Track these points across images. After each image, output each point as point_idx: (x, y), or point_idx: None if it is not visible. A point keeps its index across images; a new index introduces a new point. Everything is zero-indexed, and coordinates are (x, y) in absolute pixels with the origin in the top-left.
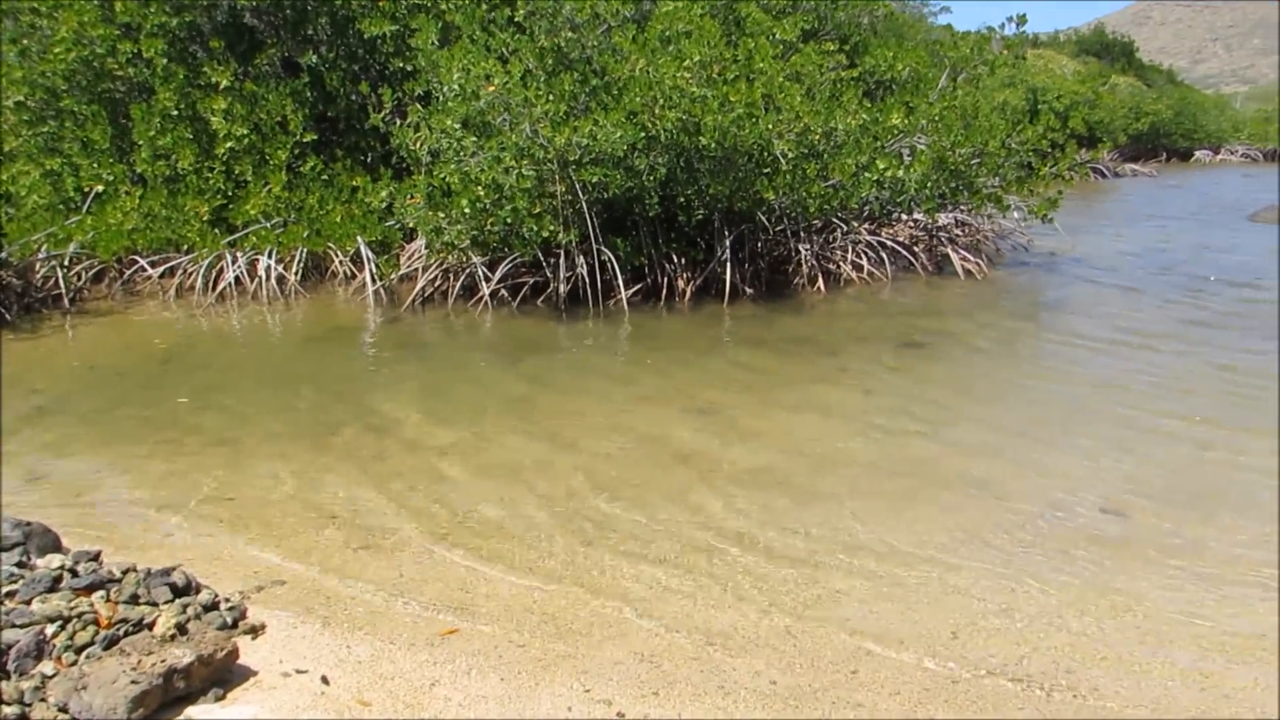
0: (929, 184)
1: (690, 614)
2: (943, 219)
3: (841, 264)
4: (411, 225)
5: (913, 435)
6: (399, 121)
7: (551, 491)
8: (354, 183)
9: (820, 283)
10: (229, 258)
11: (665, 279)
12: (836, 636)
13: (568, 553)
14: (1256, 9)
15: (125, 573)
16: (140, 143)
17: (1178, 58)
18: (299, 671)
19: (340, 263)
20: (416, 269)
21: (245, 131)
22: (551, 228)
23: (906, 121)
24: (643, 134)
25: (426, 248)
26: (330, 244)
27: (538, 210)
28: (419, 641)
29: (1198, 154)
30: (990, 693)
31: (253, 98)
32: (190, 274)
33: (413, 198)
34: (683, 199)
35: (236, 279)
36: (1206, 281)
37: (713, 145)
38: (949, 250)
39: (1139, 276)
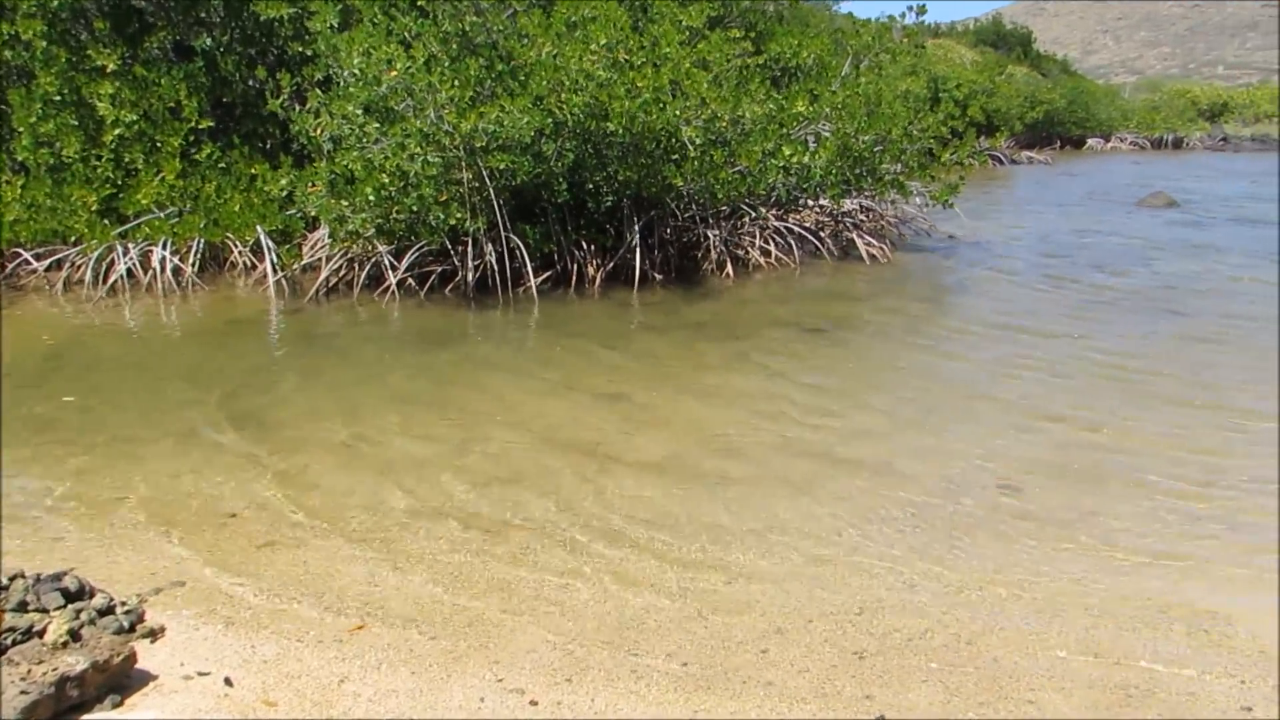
0: (834, 170)
1: (602, 600)
2: (848, 205)
3: (750, 250)
4: (314, 214)
5: (818, 419)
6: (298, 107)
7: (461, 482)
8: (252, 170)
9: (729, 268)
10: (120, 249)
11: (575, 266)
12: (747, 617)
13: (479, 543)
14: (1143, 5)
15: (12, 579)
16: (20, 130)
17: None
18: (201, 674)
19: (239, 253)
20: (320, 259)
21: (135, 118)
22: (459, 215)
23: (811, 109)
24: (550, 120)
25: (330, 237)
26: (228, 234)
27: (444, 198)
28: (326, 639)
29: (1090, 142)
30: (895, 667)
31: (143, 82)
32: (79, 267)
33: (314, 186)
34: (591, 185)
35: (129, 271)
36: (1099, 266)
37: (621, 131)
38: (854, 236)
39: (1036, 261)
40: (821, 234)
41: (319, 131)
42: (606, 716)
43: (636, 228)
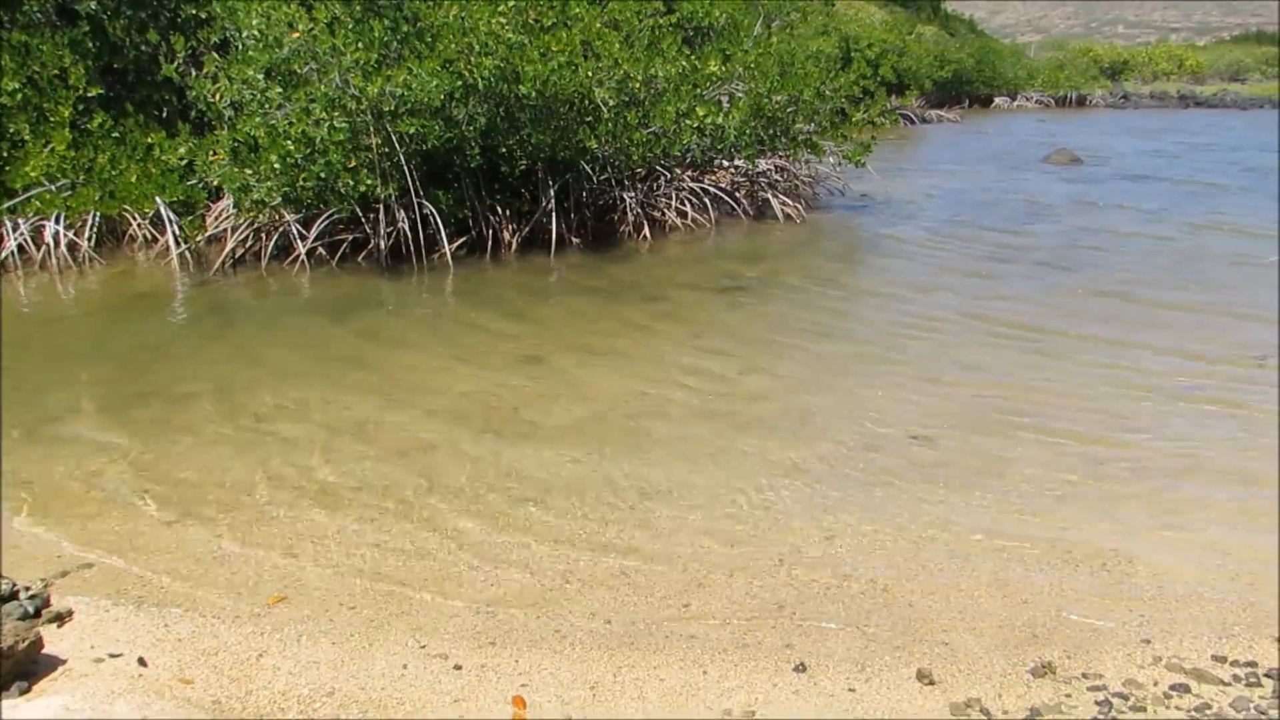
0: (748, 130)
1: (525, 563)
2: (762, 165)
3: (666, 211)
4: (216, 184)
5: (736, 376)
6: (195, 72)
7: (379, 451)
8: (149, 139)
9: (645, 230)
10: (9, 224)
11: (490, 231)
12: (669, 573)
13: (398, 511)
14: None
15: None
16: None
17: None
18: (113, 655)
19: (139, 226)
20: (225, 230)
21: (17, 86)
22: (369, 182)
23: (724, 69)
24: (460, 83)
25: (235, 207)
26: (126, 206)
27: (353, 164)
28: (243, 613)
29: (997, 100)
30: (814, 615)
31: (24, 49)
32: None
33: (215, 154)
34: (505, 149)
35: (20, 247)
36: (1007, 223)
37: (533, 94)
38: (769, 195)
39: (946, 218)
40: (737, 194)
41: (218, 97)
42: (531, 676)
43: (552, 192)
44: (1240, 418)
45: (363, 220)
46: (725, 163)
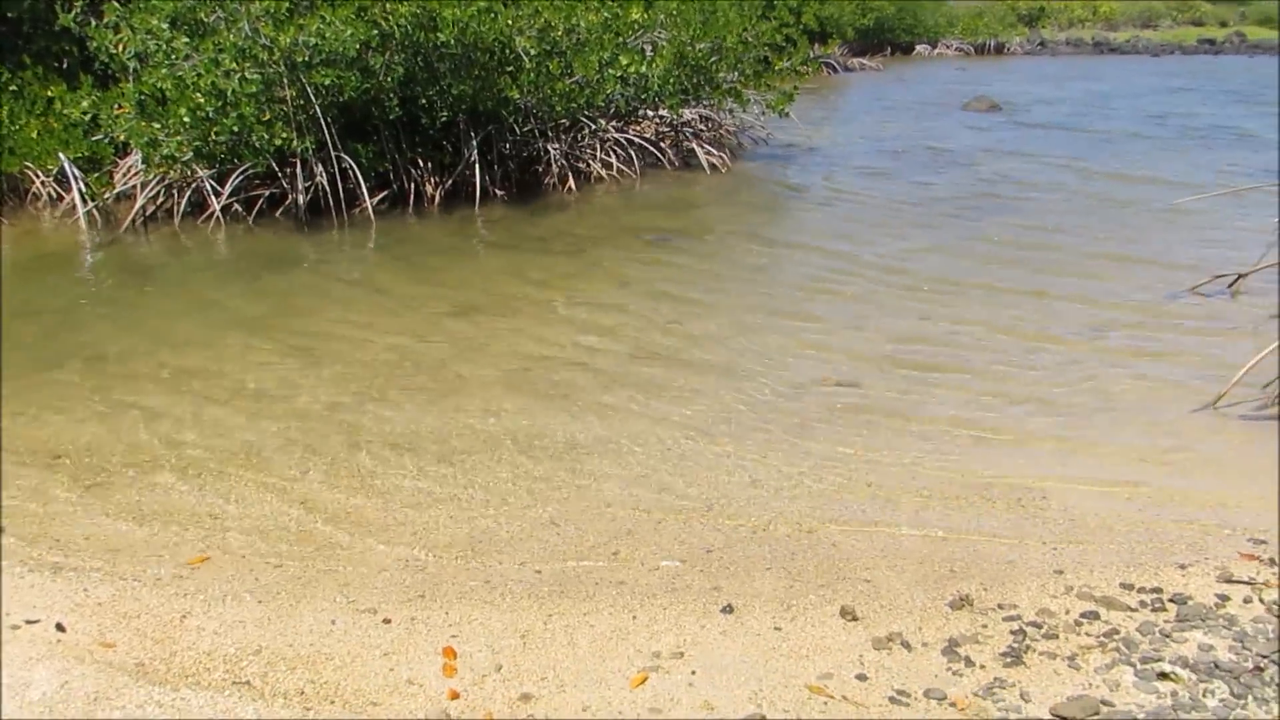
0: (671, 79)
1: (454, 516)
2: (687, 114)
3: (591, 162)
4: (123, 138)
5: (663, 326)
6: (95, 22)
7: (304, 408)
8: (49, 93)
9: (571, 182)
10: None
11: (412, 184)
12: (598, 522)
13: (325, 468)
14: None
15: None
16: None
17: None
18: (30, 622)
19: (42, 183)
20: (134, 186)
21: None
22: (284, 135)
23: (646, 16)
24: (375, 32)
25: (144, 162)
26: (27, 163)
27: (267, 117)
28: (165, 575)
29: (919, 48)
30: (741, 558)
31: None
32: None
33: (121, 108)
34: (425, 100)
35: None
36: (928, 169)
37: (452, 42)
38: (694, 145)
39: (869, 166)
40: (662, 145)
41: (121, 48)
42: (461, 627)
43: (474, 143)
44: (1147, 357)
45: (279, 175)
46: (650, 113)
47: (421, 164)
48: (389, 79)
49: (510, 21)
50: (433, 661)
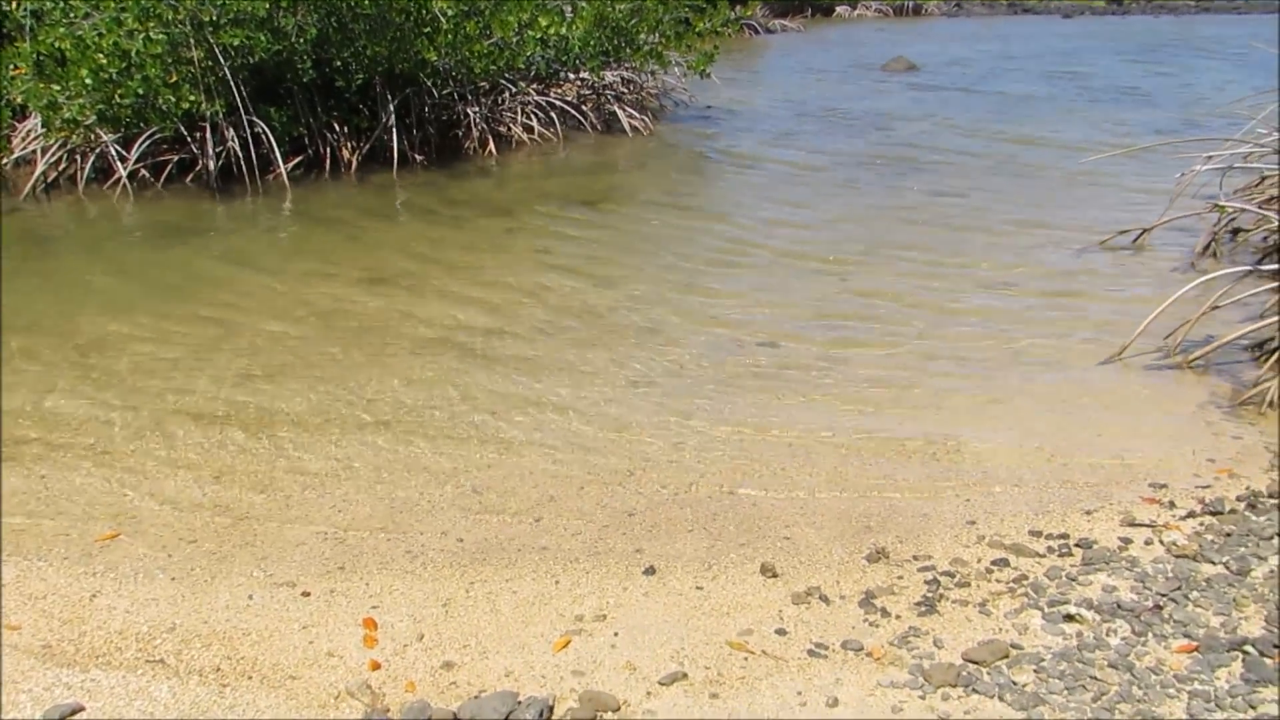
0: (592, 41)
1: (374, 487)
2: (608, 77)
3: (512, 126)
4: (21, 101)
5: (587, 290)
6: None
7: (219, 378)
8: None
9: (491, 146)
10: None
11: (328, 149)
12: (521, 489)
13: (241, 440)
14: None
15: None
16: None
17: None
18: None
19: None
20: (34, 151)
21: None
22: (192, 98)
23: None
24: None
25: (44, 126)
26: None
27: (174, 79)
28: (73, 554)
29: (839, 9)
30: (664, 520)
31: None
32: None
33: (17, 68)
34: (339, 62)
35: None
36: (847, 130)
37: (366, 2)
38: (616, 108)
39: (790, 127)
40: (584, 108)
41: (15, 5)
42: (382, 598)
43: (391, 107)
44: (1056, 313)
45: (189, 140)
46: (571, 75)
47: (338, 128)
48: (301, 40)
49: None
50: (353, 633)
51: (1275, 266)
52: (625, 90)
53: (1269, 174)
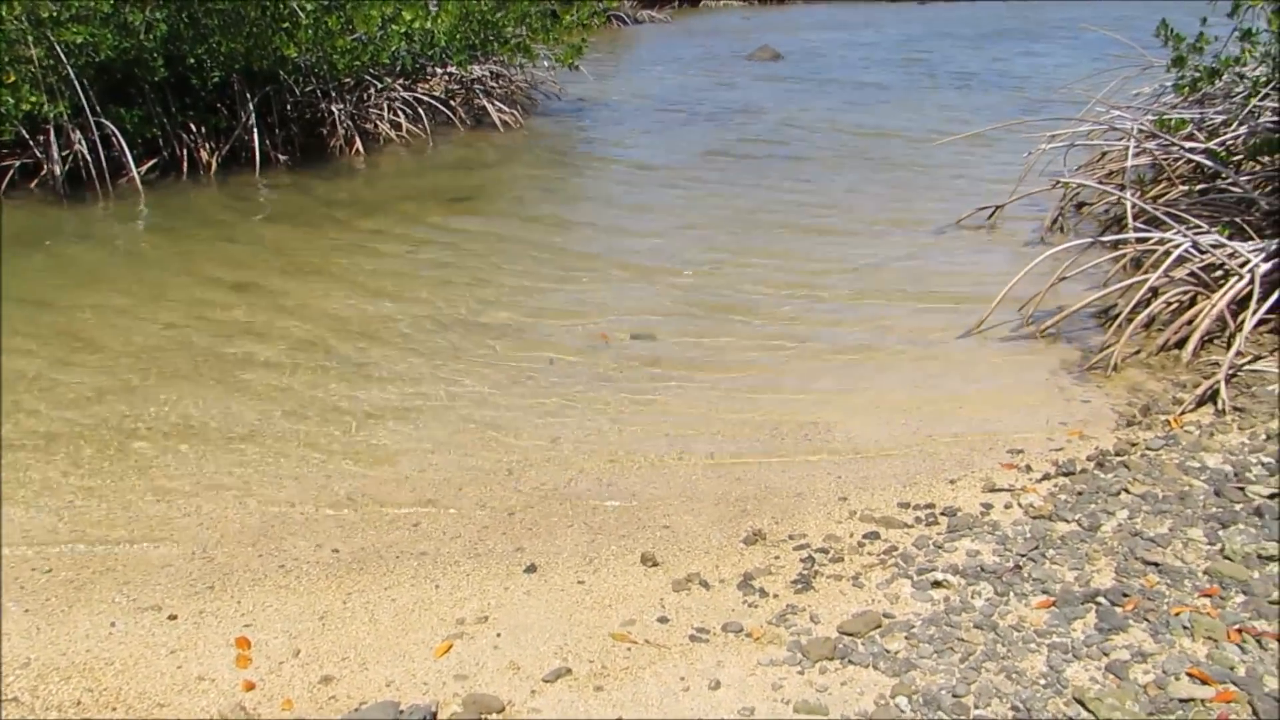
0: (458, 35)
1: (243, 501)
2: (477, 71)
3: (379, 123)
4: None
5: (460, 289)
6: None
7: (71, 396)
8: None
9: (358, 144)
10: None
11: (185, 151)
12: (397, 494)
13: (98, 460)
14: None
15: None
16: None
17: None
18: None
19: None
20: None
21: None
22: (33, 99)
23: None
24: None
25: None
26: None
27: (12, 79)
28: None
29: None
30: (544, 517)
31: None
32: None
33: None
34: (193, 60)
35: None
36: (715, 119)
37: None
38: (485, 103)
39: (659, 117)
40: (453, 103)
41: None
42: (255, 616)
43: (251, 105)
44: (919, 290)
45: (31, 144)
46: (438, 70)
47: (194, 128)
48: (151, 37)
49: None
50: (225, 654)
51: (1116, 237)
52: (494, 84)
53: (1108, 150)
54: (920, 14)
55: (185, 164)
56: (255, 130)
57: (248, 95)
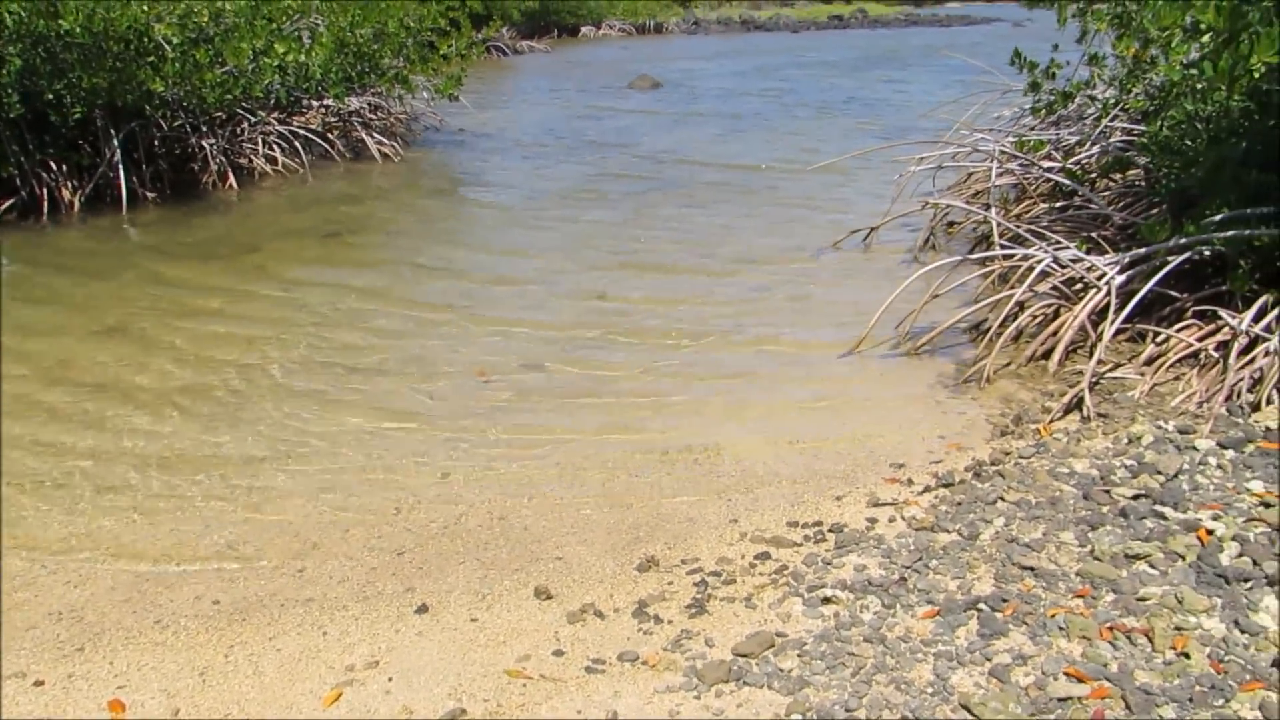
0: (334, 68)
1: (117, 554)
2: (354, 103)
3: (253, 157)
4: None
5: (343, 325)
6: None
7: None
8: None
9: (232, 179)
10: None
11: (45, 190)
12: (280, 539)
13: None
14: None
15: None
16: None
17: None
18: None
19: None
20: None
21: None
22: None
23: (300, 1)
24: None
25: None
26: None
27: None
28: None
29: (584, 29)
30: (434, 556)
31: None
32: None
33: None
34: (51, 95)
35: None
36: (596, 147)
37: (78, 30)
38: (364, 135)
39: (540, 147)
40: (330, 136)
41: None
42: (129, 676)
43: (116, 142)
44: (800, 313)
45: None
46: (314, 102)
47: (55, 166)
48: (5, 72)
49: (146, 7)
50: (99, 718)
51: (983, 255)
52: (373, 116)
53: (973, 171)
54: (793, 43)
55: (45, 204)
56: (121, 167)
57: (112, 131)
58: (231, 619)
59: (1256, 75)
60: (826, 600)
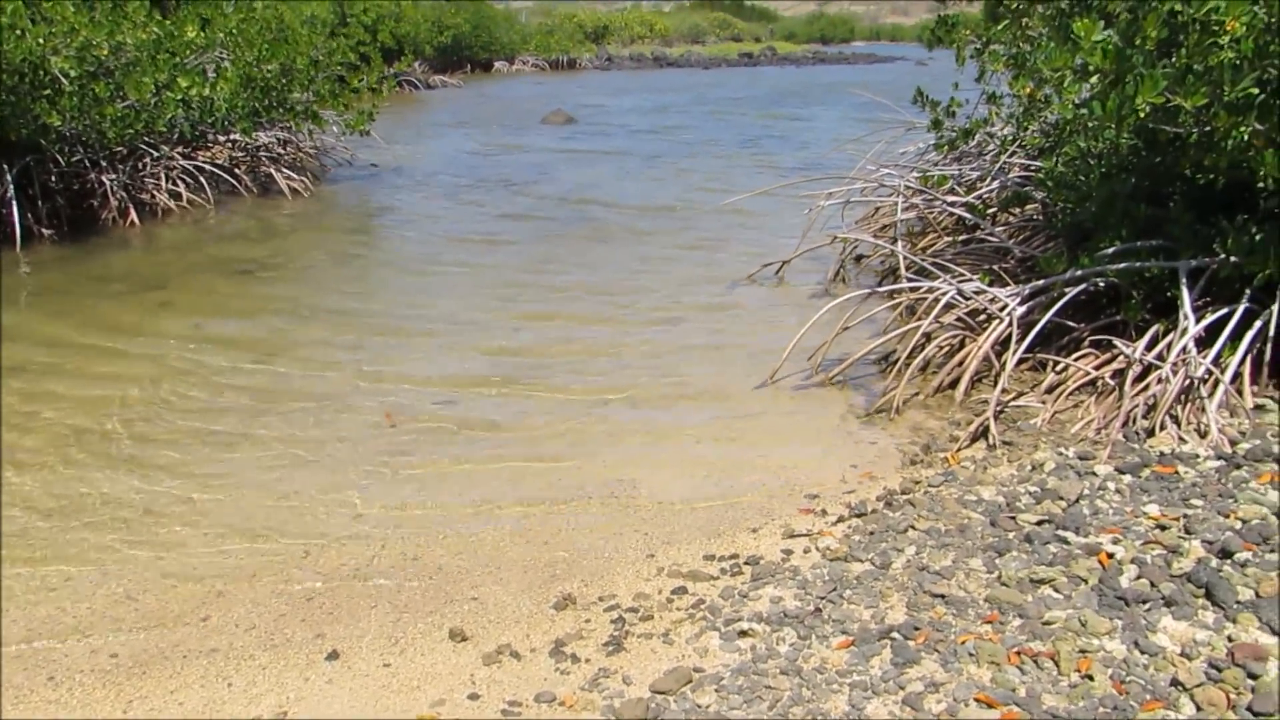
0: (240, 102)
1: (5, 609)
2: (263, 138)
3: (156, 193)
4: None
5: (250, 365)
6: None
7: None
8: None
9: (134, 215)
10: None
11: None
12: (183, 588)
13: None
14: None
15: None
16: None
17: None
18: None
19: None
20: None
21: None
22: None
23: (204, 36)
24: None
25: None
26: None
27: None
28: None
29: (497, 65)
30: (345, 599)
31: None
32: None
33: None
34: None
35: None
36: (509, 183)
37: None
38: (272, 170)
39: (452, 182)
40: (237, 170)
41: None
42: None
43: (9, 178)
44: (715, 346)
45: None
46: (220, 137)
47: None
48: None
49: (41, 40)
50: None
51: (891, 287)
52: (281, 151)
53: (880, 205)
54: (705, 79)
55: None
56: (14, 203)
57: (5, 166)
58: (130, 673)
59: (1142, 114)
60: (743, 633)
